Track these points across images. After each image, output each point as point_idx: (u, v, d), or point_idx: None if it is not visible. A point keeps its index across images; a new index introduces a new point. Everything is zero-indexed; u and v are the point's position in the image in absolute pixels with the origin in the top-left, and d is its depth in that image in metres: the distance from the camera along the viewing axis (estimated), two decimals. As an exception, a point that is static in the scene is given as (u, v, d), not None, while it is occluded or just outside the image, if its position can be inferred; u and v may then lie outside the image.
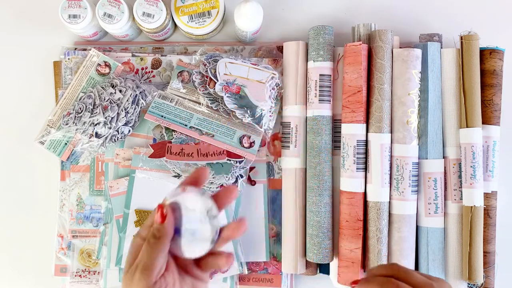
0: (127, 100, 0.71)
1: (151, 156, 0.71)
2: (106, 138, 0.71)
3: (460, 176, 0.70)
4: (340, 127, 0.72)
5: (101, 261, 0.73)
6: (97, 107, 0.70)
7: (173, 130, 0.72)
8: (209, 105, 0.72)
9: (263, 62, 0.74)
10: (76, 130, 0.72)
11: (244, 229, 0.51)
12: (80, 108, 0.71)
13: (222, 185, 0.71)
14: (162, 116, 0.72)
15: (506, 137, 0.75)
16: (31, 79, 0.78)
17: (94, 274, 0.74)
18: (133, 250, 0.50)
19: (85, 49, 0.75)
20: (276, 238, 0.75)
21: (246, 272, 0.73)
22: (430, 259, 0.69)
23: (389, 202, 0.70)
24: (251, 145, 0.71)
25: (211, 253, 0.51)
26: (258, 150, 0.73)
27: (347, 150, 0.70)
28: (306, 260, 0.72)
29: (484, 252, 0.69)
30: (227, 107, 0.70)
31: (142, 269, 0.47)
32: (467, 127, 0.69)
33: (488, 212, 0.70)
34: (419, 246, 0.71)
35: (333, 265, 0.73)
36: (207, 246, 0.49)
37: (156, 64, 0.76)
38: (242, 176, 0.72)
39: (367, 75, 0.71)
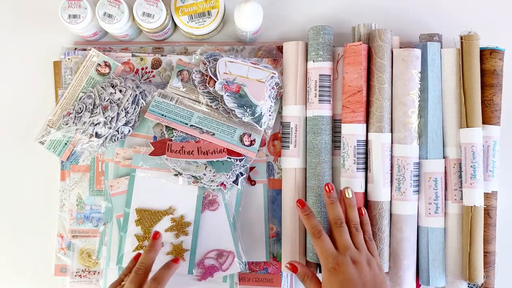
0: (127, 100, 0.71)
1: (151, 154, 0.71)
2: (106, 138, 0.71)
3: (460, 176, 0.70)
4: (340, 127, 0.72)
5: (101, 260, 0.73)
6: (97, 107, 0.70)
7: (174, 128, 0.72)
8: (209, 104, 0.72)
9: (263, 62, 0.74)
10: (76, 130, 0.72)
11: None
12: (80, 108, 0.71)
13: (222, 183, 0.71)
14: (163, 115, 0.72)
15: (506, 137, 0.75)
16: (31, 79, 0.78)
17: (94, 274, 0.74)
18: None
19: (85, 49, 0.75)
20: (276, 238, 0.75)
21: (246, 269, 0.73)
22: (431, 259, 0.69)
23: (390, 202, 0.70)
24: (251, 143, 0.71)
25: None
26: (258, 150, 0.73)
27: (347, 150, 0.70)
28: (306, 260, 0.72)
29: (484, 252, 0.69)
30: (226, 106, 0.70)
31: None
32: (467, 127, 0.69)
33: (488, 212, 0.70)
34: (419, 246, 0.71)
35: (333, 265, 0.73)
36: None
37: (156, 64, 0.76)
38: (242, 174, 0.72)
39: (367, 75, 0.71)
